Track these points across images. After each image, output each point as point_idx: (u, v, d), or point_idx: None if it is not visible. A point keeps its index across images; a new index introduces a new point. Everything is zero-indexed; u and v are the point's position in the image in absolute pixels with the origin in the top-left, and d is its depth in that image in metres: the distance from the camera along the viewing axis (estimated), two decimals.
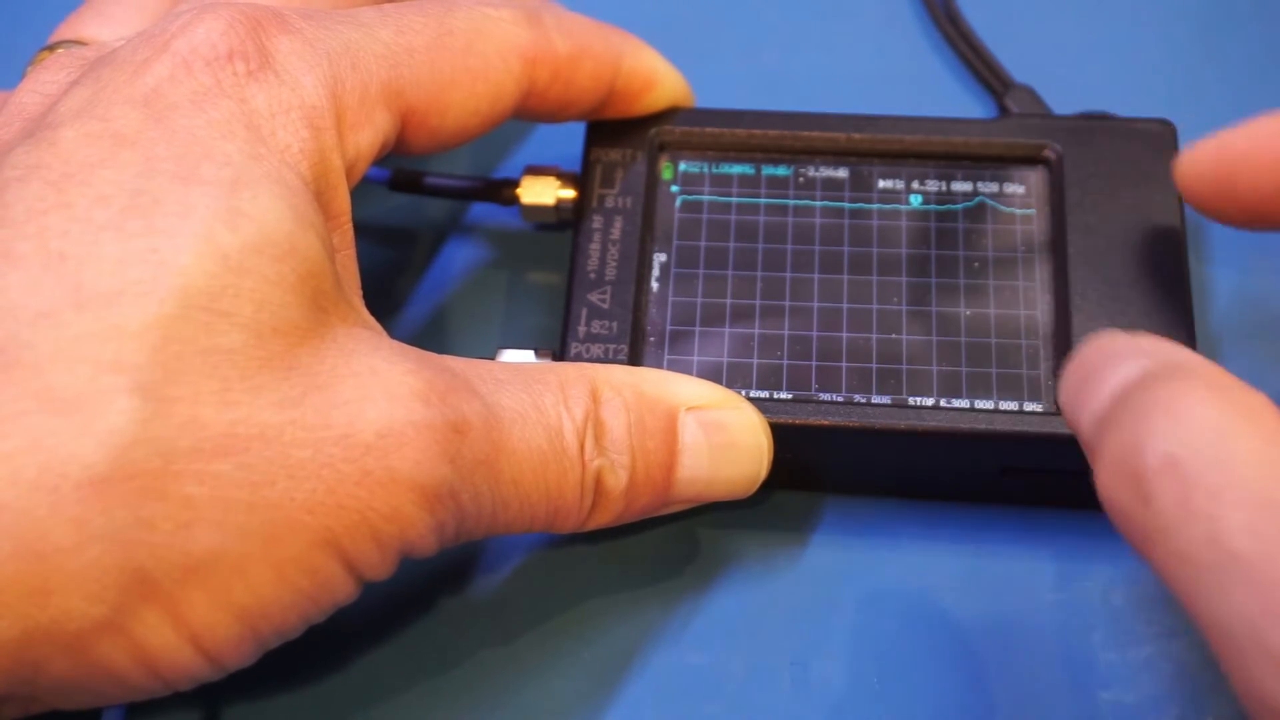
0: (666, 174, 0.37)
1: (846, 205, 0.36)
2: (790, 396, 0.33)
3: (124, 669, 0.26)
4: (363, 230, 0.33)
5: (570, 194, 0.37)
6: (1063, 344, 0.33)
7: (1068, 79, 0.39)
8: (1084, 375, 0.26)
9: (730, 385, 0.33)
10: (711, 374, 0.34)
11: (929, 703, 0.32)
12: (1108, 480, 0.24)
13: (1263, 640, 0.21)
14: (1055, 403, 0.33)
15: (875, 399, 0.33)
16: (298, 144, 0.29)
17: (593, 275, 0.35)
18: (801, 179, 0.36)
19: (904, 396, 0.33)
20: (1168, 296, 0.33)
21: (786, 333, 0.34)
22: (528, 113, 0.35)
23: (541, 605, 0.33)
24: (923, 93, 0.41)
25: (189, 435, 0.25)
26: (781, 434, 0.32)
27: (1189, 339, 0.33)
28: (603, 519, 0.31)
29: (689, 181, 0.36)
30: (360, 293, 0.31)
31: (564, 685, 0.32)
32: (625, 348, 0.34)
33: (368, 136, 0.30)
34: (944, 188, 0.36)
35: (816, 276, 0.35)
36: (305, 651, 0.30)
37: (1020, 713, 0.32)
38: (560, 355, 0.34)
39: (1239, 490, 0.22)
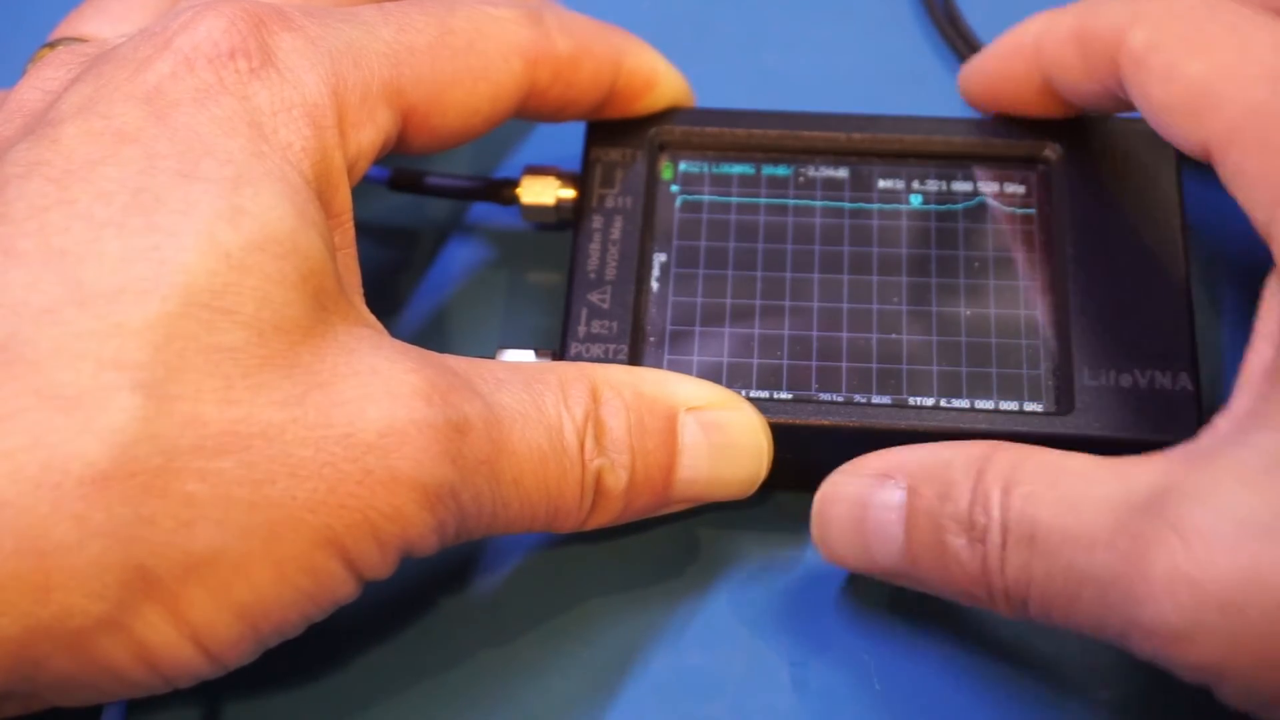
0: (666, 174, 0.37)
1: (846, 205, 0.36)
2: (790, 396, 0.33)
3: (125, 666, 0.26)
4: (363, 230, 0.32)
5: (570, 194, 0.37)
6: (1063, 344, 0.33)
7: None
8: (854, 525, 0.30)
9: (730, 385, 0.33)
10: (711, 374, 0.34)
11: (929, 703, 0.32)
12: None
13: None
14: (1055, 403, 0.33)
15: (875, 399, 0.33)
16: (300, 142, 0.29)
17: (593, 275, 0.35)
18: (801, 179, 0.36)
19: (904, 396, 0.33)
20: (1167, 296, 0.33)
21: (786, 333, 0.34)
22: (528, 112, 0.35)
23: (541, 605, 0.33)
24: (923, 93, 0.41)
25: (191, 433, 0.25)
26: (781, 434, 0.32)
27: (1188, 338, 0.33)
28: (602, 519, 0.31)
29: (689, 181, 0.37)
30: (361, 291, 0.31)
31: (564, 685, 0.32)
32: (625, 348, 0.34)
33: (369, 135, 0.30)
34: (944, 188, 0.36)
35: (816, 276, 0.35)
36: (305, 651, 0.30)
37: (1020, 712, 0.32)
38: (560, 355, 0.34)
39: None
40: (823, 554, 0.31)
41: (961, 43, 0.41)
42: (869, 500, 0.30)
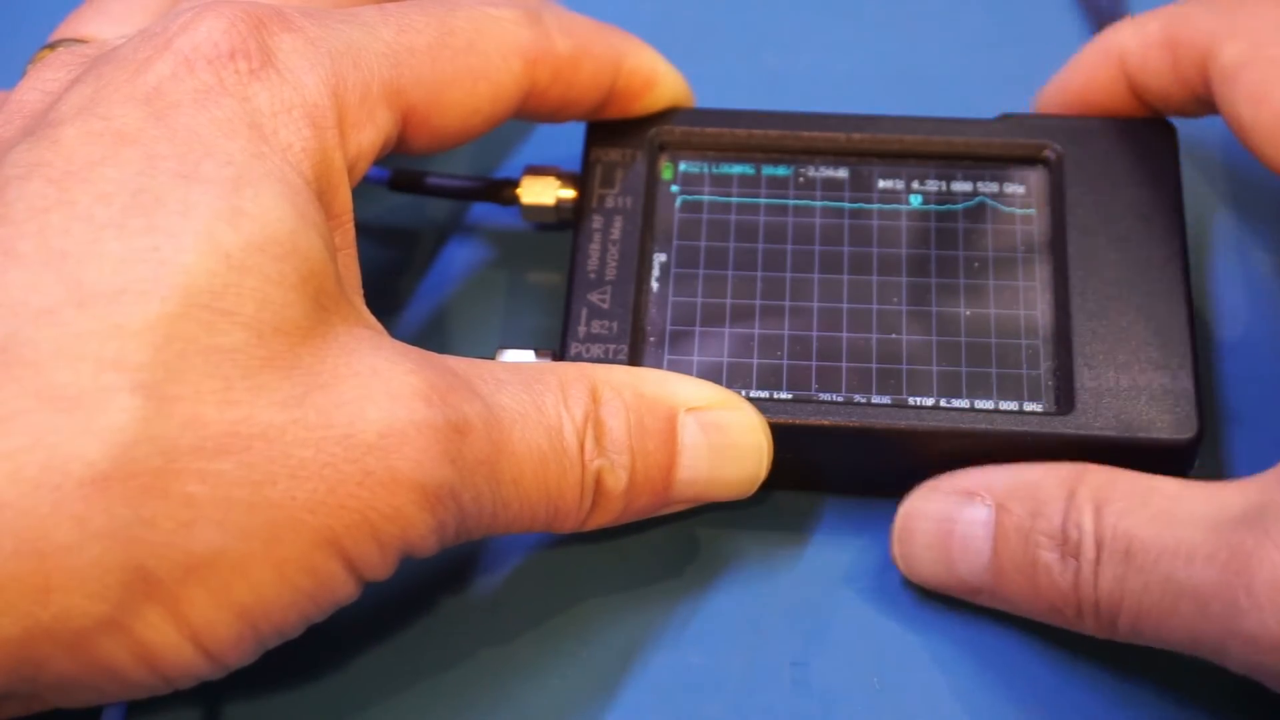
0: (666, 174, 0.37)
1: (846, 205, 0.36)
2: (790, 396, 0.33)
3: (125, 667, 0.26)
4: (363, 230, 0.32)
5: (570, 194, 0.37)
6: (1063, 344, 0.33)
7: None
8: (939, 540, 0.31)
9: (730, 385, 0.33)
10: (711, 374, 0.34)
11: (929, 703, 0.32)
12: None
13: None
14: (1055, 403, 0.33)
15: (875, 399, 0.33)
16: (300, 143, 0.29)
17: (593, 275, 0.35)
18: (801, 179, 0.36)
19: (904, 396, 0.33)
20: (1167, 296, 0.33)
21: (786, 333, 0.34)
22: (528, 112, 0.35)
23: (541, 605, 0.33)
24: (923, 93, 0.41)
25: (190, 434, 0.25)
26: (781, 434, 0.32)
27: (1188, 338, 0.33)
28: (602, 519, 0.31)
29: (689, 181, 0.36)
30: (361, 292, 0.31)
31: (563, 685, 0.32)
32: (625, 348, 0.34)
33: (369, 135, 0.30)
34: (944, 188, 0.36)
35: (816, 276, 0.35)
36: (305, 651, 0.30)
37: (1021, 712, 0.32)
38: (560, 355, 0.34)
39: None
40: (903, 569, 0.32)
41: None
42: (955, 516, 0.31)
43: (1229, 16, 0.32)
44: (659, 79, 0.36)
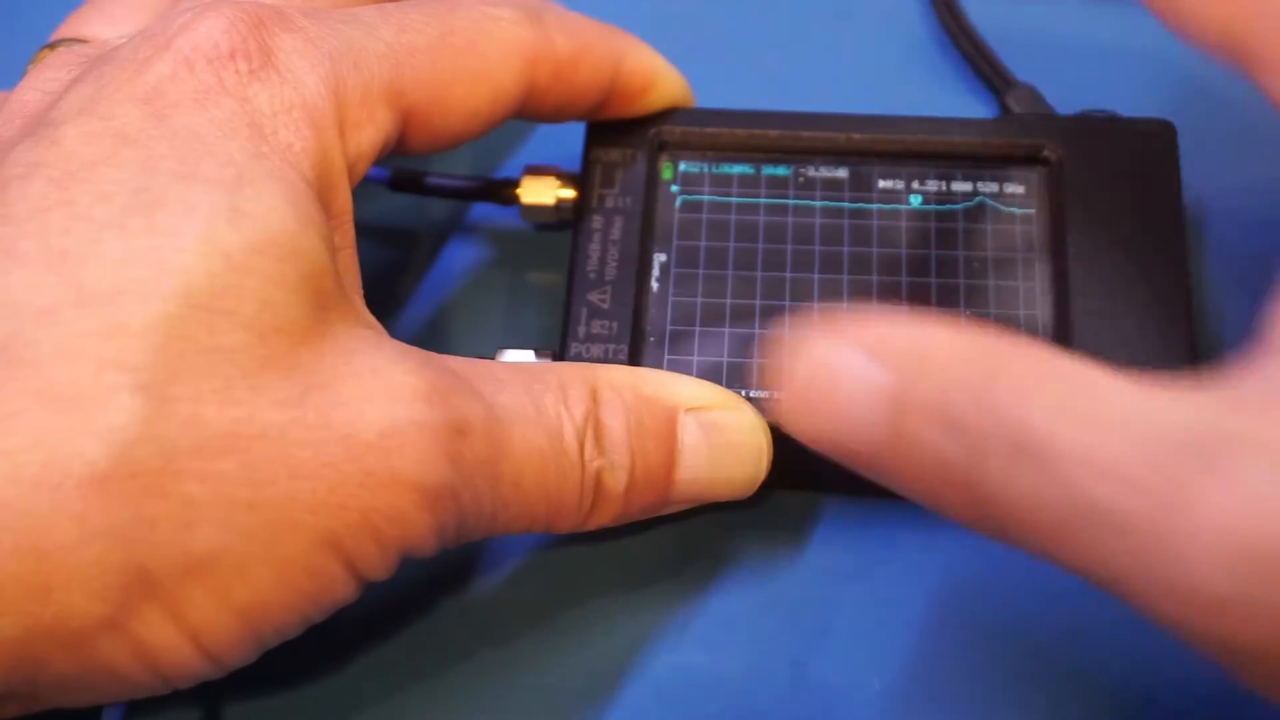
0: (666, 174, 0.37)
1: (846, 205, 0.36)
2: None
3: (125, 667, 0.26)
4: (363, 230, 0.32)
5: (570, 194, 0.37)
6: (1063, 344, 0.33)
7: (1068, 79, 0.39)
8: (825, 395, 0.26)
9: (730, 385, 0.33)
10: (711, 374, 0.34)
11: (929, 703, 0.32)
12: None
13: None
14: None
15: None
16: (300, 143, 0.29)
17: (593, 275, 0.35)
18: (801, 179, 0.36)
19: None
20: (1168, 296, 0.33)
21: (786, 333, 0.34)
22: (528, 112, 0.35)
23: (541, 605, 0.33)
24: (923, 93, 0.41)
25: (191, 434, 0.25)
26: (781, 434, 0.32)
27: (1189, 338, 0.33)
28: (602, 519, 0.31)
29: (689, 181, 0.37)
30: (361, 292, 0.31)
31: (564, 685, 0.32)
32: (625, 348, 0.34)
33: (369, 136, 0.30)
34: (944, 188, 0.36)
35: (816, 276, 0.35)
36: (305, 651, 0.30)
37: (1021, 713, 0.32)
38: (560, 355, 0.34)
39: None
40: (780, 419, 0.27)
41: (964, 39, 0.41)
42: (848, 373, 0.25)
43: None
44: (659, 79, 0.36)
